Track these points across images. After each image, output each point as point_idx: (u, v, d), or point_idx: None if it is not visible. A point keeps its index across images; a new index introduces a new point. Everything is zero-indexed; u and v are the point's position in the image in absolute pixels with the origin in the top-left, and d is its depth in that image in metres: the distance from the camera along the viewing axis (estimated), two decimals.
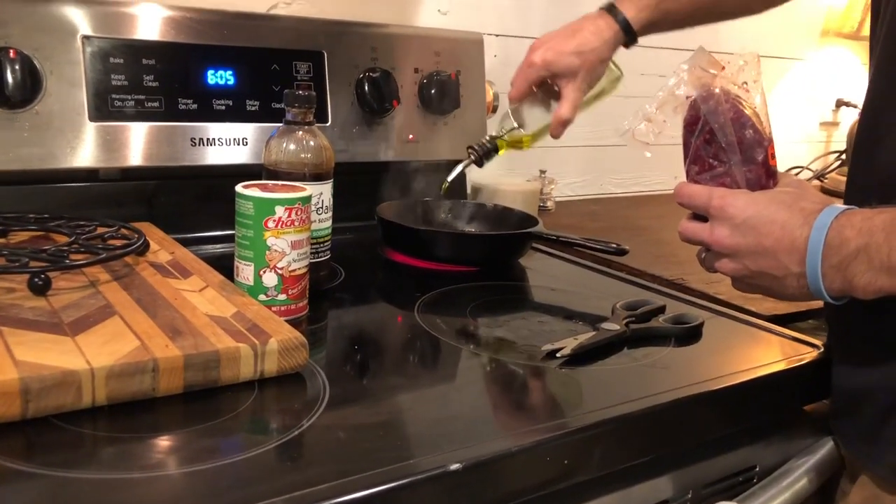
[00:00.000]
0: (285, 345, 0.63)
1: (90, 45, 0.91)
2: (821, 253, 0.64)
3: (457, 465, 0.53)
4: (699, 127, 0.73)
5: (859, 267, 0.62)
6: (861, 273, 0.62)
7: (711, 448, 0.72)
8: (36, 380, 0.53)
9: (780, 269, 0.66)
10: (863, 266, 0.62)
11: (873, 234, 0.61)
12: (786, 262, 0.66)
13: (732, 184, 0.72)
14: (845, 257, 0.63)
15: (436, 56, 1.17)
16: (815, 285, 0.65)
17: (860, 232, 0.62)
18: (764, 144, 0.72)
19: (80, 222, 0.85)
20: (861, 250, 0.62)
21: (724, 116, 0.71)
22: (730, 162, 0.71)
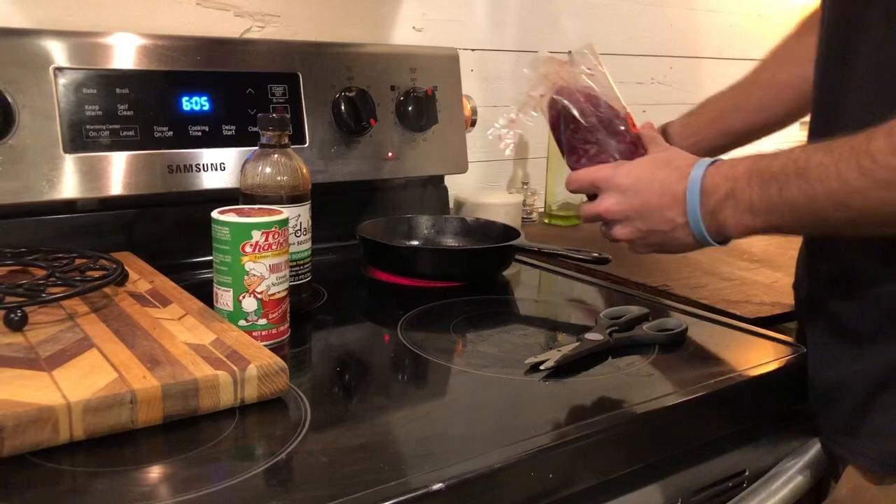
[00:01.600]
0: (265, 370, 0.63)
1: (63, 77, 0.91)
2: (698, 201, 0.71)
3: (439, 485, 0.53)
4: (562, 121, 0.83)
5: (728, 210, 0.70)
6: (730, 215, 0.70)
7: (700, 454, 0.72)
8: (11, 417, 0.53)
9: (668, 223, 0.74)
10: (731, 209, 0.70)
11: (738, 180, 0.69)
12: (671, 216, 0.74)
13: (609, 158, 0.81)
14: (717, 202, 0.71)
15: (412, 73, 1.17)
16: (699, 231, 0.73)
17: (726, 178, 0.70)
18: (621, 115, 0.81)
19: (57, 255, 0.85)
20: (728, 194, 0.70)
21: (579, 100, 0.81)
22: (598, 139, 0.81)
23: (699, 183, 0.72)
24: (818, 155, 0.65)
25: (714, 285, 1.03)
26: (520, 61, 1.47)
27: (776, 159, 0.68)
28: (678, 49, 1.73)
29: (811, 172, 0.65)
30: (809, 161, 0.65)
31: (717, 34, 1.81)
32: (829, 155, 0.64)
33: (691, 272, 1.09)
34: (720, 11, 1.81)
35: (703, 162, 0.73)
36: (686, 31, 1.76)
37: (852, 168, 0.62)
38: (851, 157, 0.62)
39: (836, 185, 0.63)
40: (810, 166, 0.65)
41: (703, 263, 1.14)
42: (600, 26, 1.59)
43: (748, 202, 0.69)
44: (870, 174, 0.61)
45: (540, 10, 1.49)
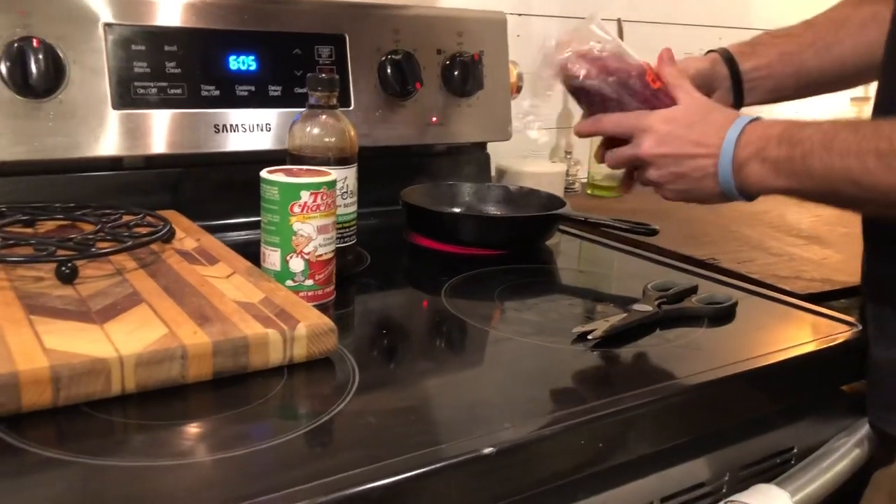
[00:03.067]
0: (314, 330, 0.63)
1: (112, 33, 0.91)
2: (731, 154, 0.73)
3: (490, 449, 0.52)
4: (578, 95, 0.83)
5: (755, 166, 0.72)
6: (755, 171, 0.73)
7: (748, 430, 0.71)
8: (66, 368, 0.53)
9: (699, 170, 0.76)
10: (757, 165, 0.72)
11: (770, 139, 0.72)
12: (703, 165, 0.75)
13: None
14: (747, 157, 0.73)
15: (458, 37, 1.15)
16: (726, 182, 0.75)
17: (760, 137, 0.72)
18: (635, 74, 0.80)
19: (105, 211, 0.85)
20: (759, 151, 0.72)
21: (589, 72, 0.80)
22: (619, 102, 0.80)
23: (737, 134, 0.74)
24: (845, 132, 0.67)
25: (763, 260, 1.01)
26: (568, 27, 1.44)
27: (807, 126, 0.70)
28: (728, 19, 1.69)
29: (835, 146, 0.67)
30: (836, 135, 0.67)
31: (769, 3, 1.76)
32: (855, 133, 0.66)
33: (739, 246, 1.07)
34: None
35: (742, 119, 0.75)
36: (737, 1, 1.71)
37: (871, 150, 0.64)
38: (873, 139, 0.64)
39: (853, 163, 0.66)
40: (836, 140, 0.67)
41: (751, 238, 1.12)
42: None
43: (774, 161, 0.71)
44: (886, 159, 0.64)
45: None
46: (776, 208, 1.32)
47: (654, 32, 1.54)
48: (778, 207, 1.33)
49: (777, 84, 0.89)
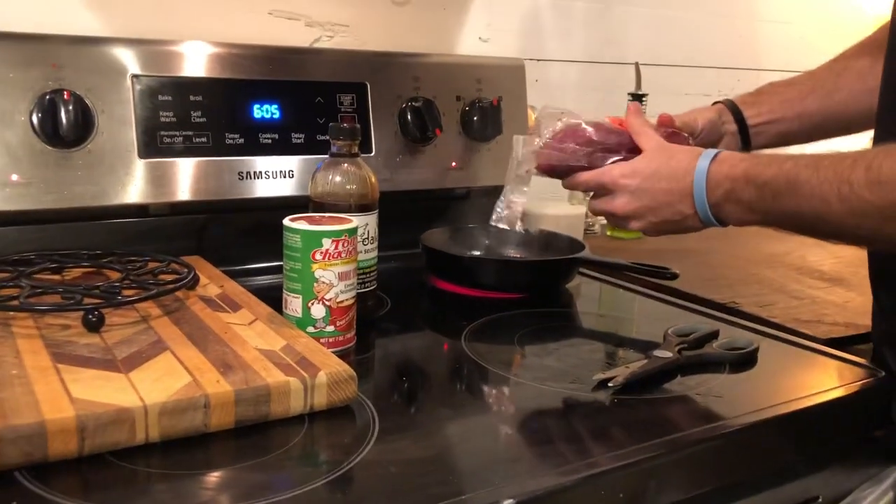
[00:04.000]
0: (334, 378, 0.63)
1: (139, 84, 0.93)
2: (705, 194, 0.77)
3: (510, 500, 0.52)
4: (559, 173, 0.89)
5: (730, 206, 0.77)
6: (733, 211, 0.77)
7: (772, 479, 0.70)
8: (92, 417, 0.54)
9: (678, 214, 0.80)
10: (732, 206, 0.76)
11: (737, 180, 0.75)
12: (681, 209, 0.79)
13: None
14: (720, 197, 0.77)
15: (477, 83, 1.17)
16: (707, 219, 0.79)
17: (727, 177, 0.76)
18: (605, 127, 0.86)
19: (131, 258, 0.87)
20: (730, 192, 0.76)
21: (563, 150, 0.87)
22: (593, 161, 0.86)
23: (704, 177, 0.77)
24: (806, 172, 0.70)
25: (784, 303, 1.00)
26: (585, 72, 1.46)
27: (769, 167, 0.73)
28: (746, 61, 1.70)
29: (799, 188, 0.70)
30: (798, 177, 0.70)
31: (785, 46, 1.77)
32: (816, 174, 0.69)
33: (760, 289, 1.07)
34: (789, 23, 1.77)
35: (706, 154, 0.78)
36: (753, 43, 1.73)
37: (833, 193, 0.67)
38: (833, 183, 0.67)
39: (818, 205, 0.69)
40: (799, 182, 0.70)
41: (772, 280, 1.11)
42: (666, 37, 1.57)
43: (748, 202, 0.75)
44: (847, 202, 0.66)
45: (605, 21, 1.48)
46: (797, 249, 1.31)
47: (670, 75, 1.56)
48: (799, 248, 1.32)
49: (782, 129, 0.92)
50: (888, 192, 0.64)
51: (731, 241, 1.36)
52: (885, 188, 0.64)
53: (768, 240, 1.38)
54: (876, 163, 0.65)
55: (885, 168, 0.64)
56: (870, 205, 0.65)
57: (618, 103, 1.35)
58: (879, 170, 0.64)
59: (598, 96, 1.45)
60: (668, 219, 0.81)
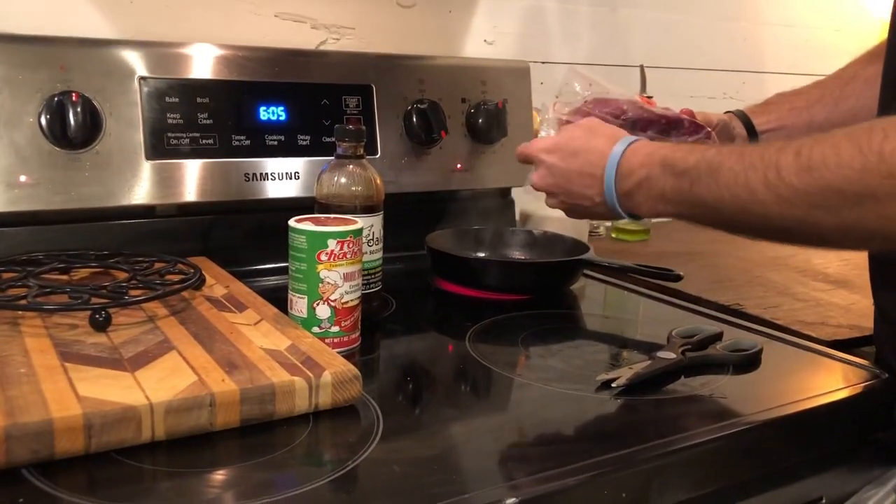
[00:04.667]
0: (339, 377, 0.64)
1: (147, 86, 0.94)
2: (614, 183, 0.76)
3: (512, 500, 0.53)
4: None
5: (641, 195, 0.75)
6: (643, 200, 0.75)
7: (775, 479, 0.70)
8: (98, 415, 0.54)
9: (587, 199, 0.80)
10: (644, 195, 0.75)
11: (652, 167, 0.74)
12: (590, 194, 0.79)
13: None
14: (631, 186, 0.75)
15: (482, 85, 1.17)
16: (613, 208, 0.78)
17: (642, 164, 0.75)
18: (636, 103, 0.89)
19: (138, 258, 0.87)
20: (643, 181, 0.74)
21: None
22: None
23: (616, 165, 0.76)
24: (731, 159, 0.68)
25: (788, 306, 1.01)
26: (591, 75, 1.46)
27: (691, 154, 0.71)
28: (751, 64, 1.70)
29: (721, 176, 0.68)
30: (722, 164, 0.68)
31: (790, 49, 1.77)
32: (741, 161, 0.67)
33: (765, 292, 1.07)
34: (794, 26, 1.77)
35: (623, 140, 0.77)
36: (759, 46, 1.73)
37: (759, 179, 0.65)
38: (759, 168, 0.65)
39: (741, 193, 0.66)
40: (722, 169, 0.68)
41: (776, 283, 1.11)
42: (671, 40, 1.58)
43: (661, 191, 0.73)
44: (773, 189, 0.64)
45: (610, 24, 1.48)
46: (802, 252, 1.31)
47: (675, 78, 1.56)
48: (804, 251, 1.32)
49: (790, 136, 0.91)
50: (817, 178, 0.62)
51: (735, 244, 1.36)
52: (815, 174, 0.62)
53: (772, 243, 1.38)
54: (805, 149, 0.63)
55: (816, 154, 0.62)
56: (798, 191, 0.63)
57: None
58: (809, 155, 0.62)
59: None
60: (578, 202, 0.81)
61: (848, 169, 0.60)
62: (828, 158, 0.61)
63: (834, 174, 0.61)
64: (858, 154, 0.60)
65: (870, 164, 0.59)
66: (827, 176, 0.61)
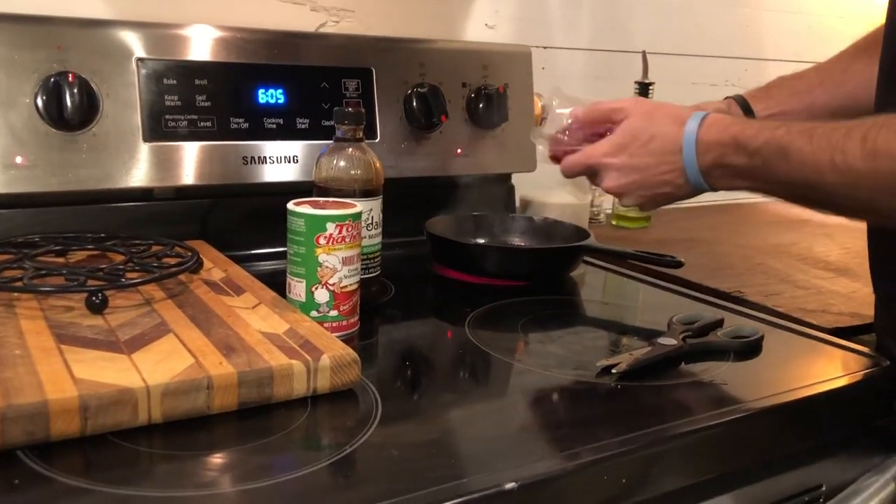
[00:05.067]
0: (338, 361, 0.63)
1: (144, 67, 0.93)
2: (695, 163, 0.77)
3: (512, 484, 0.52)
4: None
5: (719, 171, 0.77)
6: (721, 176, 0.77)
7: (775, 466, 0.70)
8: (94, 397, 0.54)
9: (669, 185, 0.80)
10: (721, 171, 0.77)
11: (726, 146, 0.75)
12: (671, 179, 0.79)
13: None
14: (709, 164, 0.77)
15: (483, 70, 1.16)
16: (699, 186, 0.79)
17: (717, 142, 0.76)
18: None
19: (135, 241, 0.87)
20: (719, 158, 0.76)
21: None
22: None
23: (693, 144, 0.77)
24: (799, 140, 0.69)
25: (790, 293, 1.00)
26: (592, 60, 1.45)
27: (761, 133, 0.73)
28: (753, 51, 1.69)
29: (791, 156, 0.70)
30: (791, 144, 0.70)
31: (793, 36, 1.76)
32: (809, 143, 0.68)
33: (766, 279, 1.06)
34: (798, 12, 1.76)
35: (694, 117, 0.78)
36: (762, 33, 1.72)
37: (826, 162, 0.67)
38: (827, 151, 0.67)
39: (810, 174, 0.69)
40: (791, 150, 0.70)
41: (778, 270, 1.11)
42: (673, 26, 1.56)
43: (736, 169, 0.75)
44: (840, 172, 0.66)
45: (613, 9, 1.47)
46: (803, 240, 1.31)
47: (677, 64, 1.55)
48: (806, 239, 1.32)
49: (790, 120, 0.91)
50: (881, 164, 0.64)
51: (736, 231, 1.36)
52: (879, 159, 0.64)
53: (774, 230, 1.38)
54: (872, 133, 0.64)
55: (881, 139, 0.64)
56: (863, 176, 0.65)
57: (624, 92, 1.34)
58: (875, 141, 0.64)
59: (605, 85, 1.45)
60: (660, 191, 0.81)
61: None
62: (892, 144, 0.63)
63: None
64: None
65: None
66: (889, 163, 0.63)
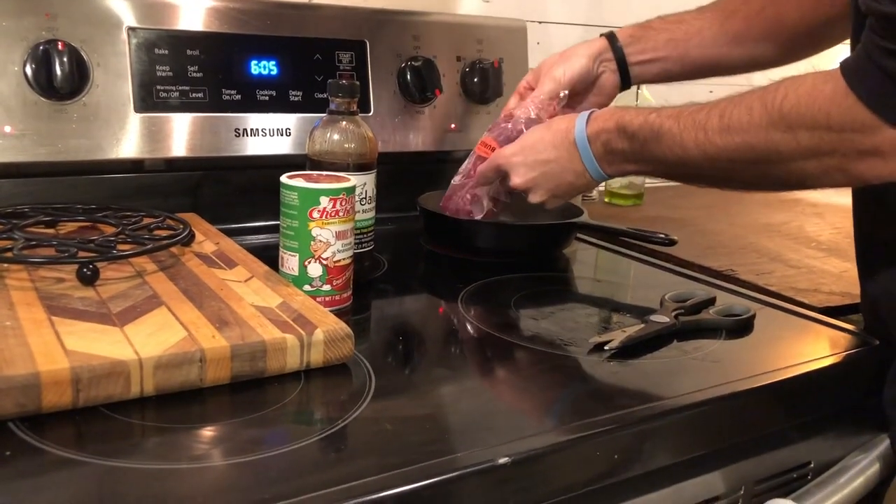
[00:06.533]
0: (331, 335, 0.63)
1: (136, 37, 0.92)
2: (589, 149, 0.83)
3: (505, 459, 0.52)
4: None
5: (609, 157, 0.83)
6: (612, 161, 0.83)
7: (764, 444, 0.70)
8: (86, 369, 0.54)
9: (571, 173, 0.85)
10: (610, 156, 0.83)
11: (610, 131, 0.81)
12: (571, 167, 0.85)
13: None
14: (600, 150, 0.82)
15: (478, 44, 1.16)
16: (596, 172, 0.84)
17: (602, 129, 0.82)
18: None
19: (126, 213, 0.86)
20: (606, 144, 0.82)
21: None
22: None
23: (584, 132, 0.83)
24: (669, 122, 0.76)
25: (781, 272, 1.00)
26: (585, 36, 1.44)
27: (636, 117, 0.79)
28: None
29: (663, 137, 0.76)
30: (662, 126, 0.76)
31: None
32: (677, 124, 0.75)
33: (758, 258, 1.06)
34: None
35: (581, 115, 0.84)
36: None
37: (690, 140, 0.73)
38: (691, 130, 0.73)
39: (679, 151, 0.75)
40: (662, 131, 0.76)
41: (769, 250, 1.11)
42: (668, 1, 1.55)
43: (622, 153, 0.81)
44: (702, 147, 0.73)
45: None
46: (795, 219, 1.31)
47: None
48: (797, 218, 1.32)
49: (665, 67, 0.96)
50: (734, 137, 0.70)
51: (729, 210, 1.36)
52: (732, 133, 0.70)
53: (766, 209, 1.38)
54: (728, 111, 0.71)
55: (735, 116, 0.70)
56: (720, 149, 0.71)
57: None
58: (730, 117, 0.70)
59: None
60: (562, 181, 0.86)
61: (758, 127, 0.68)
62: (742, 118, 0.69)
63: (747, 133, 0.69)
64: (764, 112, 0.68)
65: (773, 121, 0.67)
66: (742, 135, 0.69)
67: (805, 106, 0.65)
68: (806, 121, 0.65)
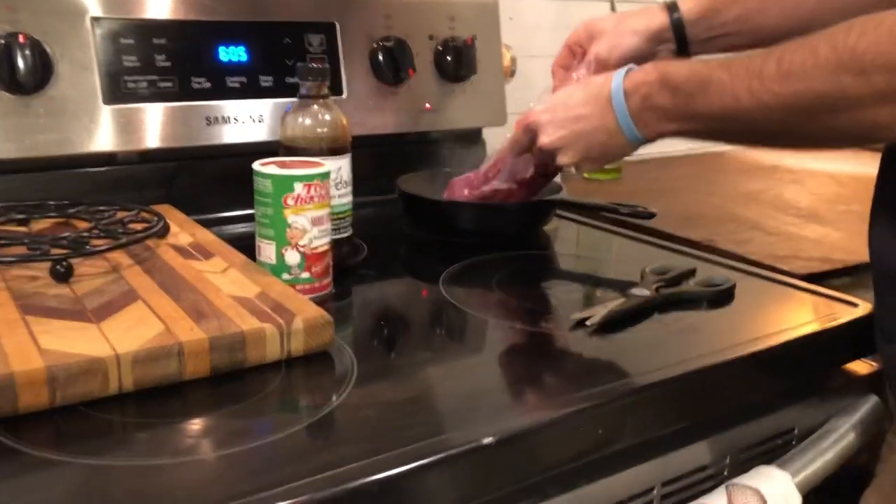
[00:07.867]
0: (311, 323, 0.62)
1: (100, 27, 0.90)
2: (625, 104, 0.75)
3: (490, 438, 0.52)
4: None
5: (648, 115, 0.74)
6: (650, 120, 0.74)
7: (748, 412, 0.71)
8: (62, 368, 0.53)
9: (603, 132, 0.77)
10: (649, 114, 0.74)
11: (651, 84, 0.73)
12: (604, 125, 0.77)
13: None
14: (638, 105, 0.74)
15: (450, 22, 1.14)
16: (631, 132, 0.76)
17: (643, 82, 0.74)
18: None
19: (99, 207, 0.85)
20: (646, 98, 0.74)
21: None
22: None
23: (621, 85, 0.75)
24: (718, 72, 0.68)
25: (760, 240, 1.01)
26: (560, 10, 1.43)
27: (681, 68, 0.72)
28: None
29: (711, 88, 0.69)
30: (711, 77, 0.69)
31: None
32: (728, 73, 0.67)
33: (737, 227, 1.07)
34: None
35: (619, 70, 0.77)
36: None
37: (744, 89, 0.66)
38: (745, 78, 0.66)
39: (729, 103, 0.67)
40: (711, 82, 0.69)
41: (748, 218, 1.11)
42: None
43: (663, 108, 0.73)
44: (757, 96, 0.65)
45: None
46: (773, 187, 1.32)
47: None
48: (775, 186, 1.33)
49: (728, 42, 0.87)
50: (794, 83, 0.63)
51: (706, 180, 1.36)
52: (793, 79, 0.63)
53: (744, 178, 1.38)
54: (787, 55, 0.63)
55: (796, 58, 0.63)
56: (778, 97, 0.64)
57: None
58: (791, 61, 0.63)
59: None
60: (594, 141, 0.79)
61: (823, 70, 0.61)
62: (806, 62, 0.62)
63: (811, 77, 0.62)
64: (833, 53, 0.60)
65: (843, 63, 0.60)
66: (805, 80, 0.62)
67: (887, 44, 0.58)
68: (885, 61, 0.58)
